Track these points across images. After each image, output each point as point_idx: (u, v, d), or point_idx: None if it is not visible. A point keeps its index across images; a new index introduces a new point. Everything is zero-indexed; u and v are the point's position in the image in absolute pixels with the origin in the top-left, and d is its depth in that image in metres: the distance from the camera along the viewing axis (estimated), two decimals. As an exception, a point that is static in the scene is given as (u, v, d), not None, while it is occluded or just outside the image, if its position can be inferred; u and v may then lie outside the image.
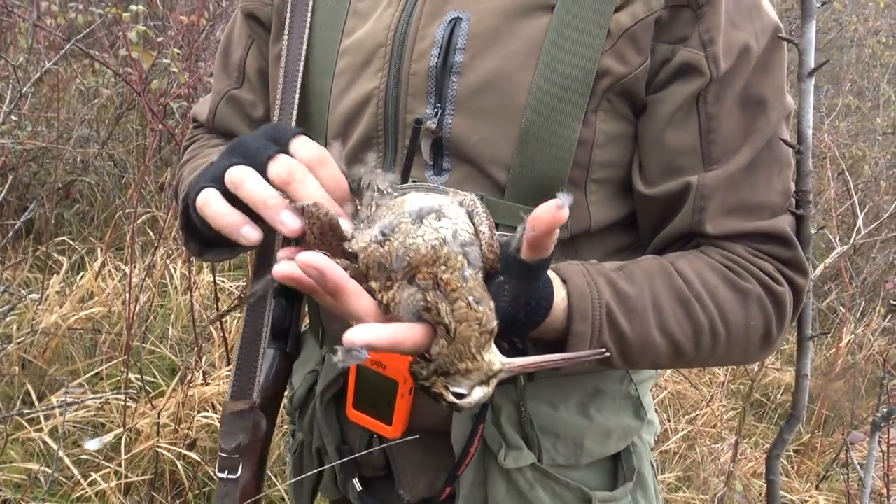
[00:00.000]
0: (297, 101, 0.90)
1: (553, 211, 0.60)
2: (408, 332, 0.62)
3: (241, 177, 0.69)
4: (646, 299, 0.79)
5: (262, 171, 0.70)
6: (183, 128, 3.02)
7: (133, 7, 2.74)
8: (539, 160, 0.82)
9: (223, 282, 3.11)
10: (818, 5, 0.71)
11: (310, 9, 0.91)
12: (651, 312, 0.79)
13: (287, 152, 0.71)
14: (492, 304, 0.63)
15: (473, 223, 0.66)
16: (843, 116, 5.46)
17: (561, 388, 0.93)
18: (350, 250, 0.65)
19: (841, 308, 3.86)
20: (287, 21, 0.92)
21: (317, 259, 0.60)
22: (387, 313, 0.63)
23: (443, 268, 0.61)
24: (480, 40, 0.82)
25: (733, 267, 0.84)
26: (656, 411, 2.99)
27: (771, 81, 0.85)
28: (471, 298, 0.61)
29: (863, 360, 3.57)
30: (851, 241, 2.06)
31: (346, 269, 0.62)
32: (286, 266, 0.62)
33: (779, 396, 3.51)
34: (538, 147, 0.82)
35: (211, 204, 0.71)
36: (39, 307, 2.66)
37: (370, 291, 0.63)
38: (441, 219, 0.64)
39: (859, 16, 5.84)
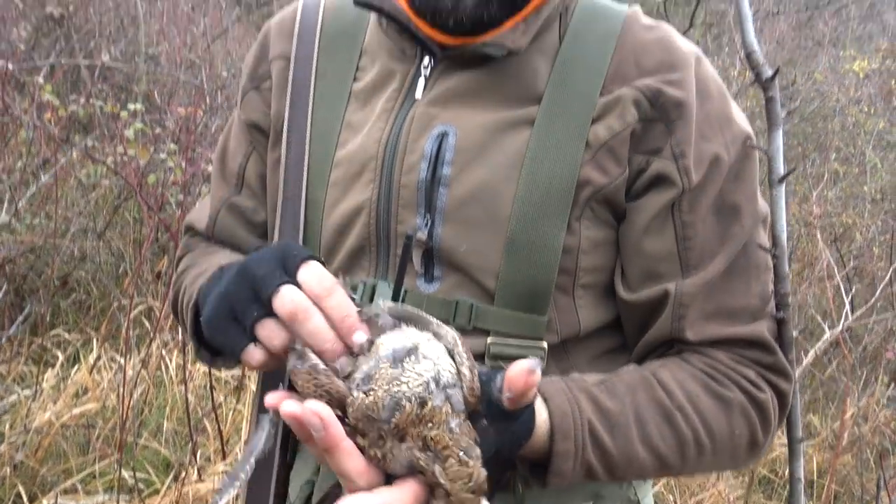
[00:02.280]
0: (302, 215, 0.92)
1: (524, 376, 0.63)
2: (399, 498, 0.63)
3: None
4: (628, 414, 0.80)
5: (267, 304, 0.71)
6: (180, 218, 3.05)
7: (131, 106, 2.82)
8: (526, 267, 0.84)
9: (218, 371, 3.09)
10: (783, 115, 0.74)
11: (308, 123, 0.94)
12: (634, 427, 0.79)
13: (295, 280, 0.72)
14: (478, 450, 0.64)
15: (455, 362, 0.67)
16: (832, 184, 5.54)
17: (560, 495, 0.92)
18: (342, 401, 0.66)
19: (843, 377, 3.82)
20: (284, 133, 0.95)
21: (324, 412, 0.61)
22: (379, 466, 0.64)
23: (429, 425, 0.62)
24: (467, 154, 0.86)
25: (715, 375, 0.85)
26: (662, 494, 2.93)
27: (744, 189, 0.88)
28: (461, 453, 0.62)
29: (869, 432, 3.51)
30: (841, 325, 2.06)
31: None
32: (293, 406, 0.63)
33: (786, 472, 3.44)
34: (524, 255, 0.84)
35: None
36: (33, 404, 2.64)
37: (360, 448, 0.64)
38: (421, 360, 0.65)
39: (840, 86, 6.00)
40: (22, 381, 2.99)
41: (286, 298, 0.71)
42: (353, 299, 0.72)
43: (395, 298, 0.83)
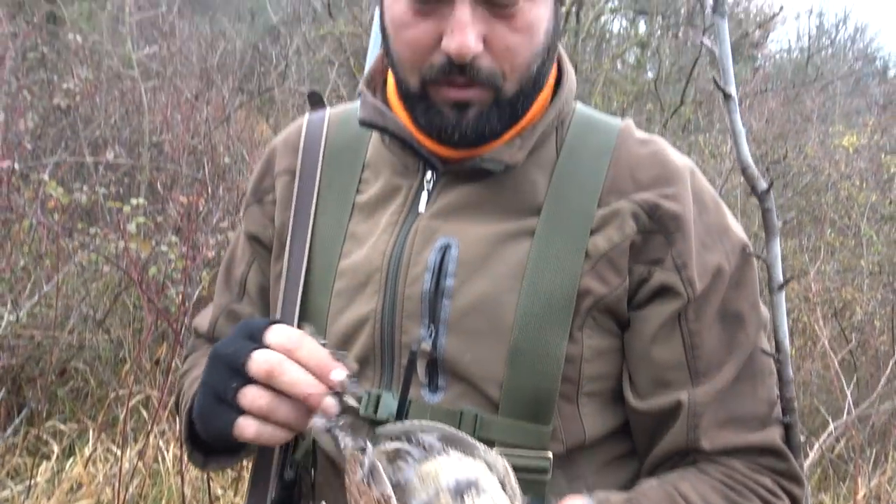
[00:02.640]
0: (297, 316, 0.94)
1: None
2: None
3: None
4: None
5: (244, 373, 0.76)
6: (180, 306, 3.05)
7: (134, 200, 2.86)
8: (529, 376, 0.85)
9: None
10: (779, 224, 0.75)
11: (309, 232, 0.97)
12: None
13: (263, 344, 0.77)
14: None
15: (507, 495, 0.66)
16: (829, 257, 5.57)
17: None
18: None
19: (852, 453, 3.75)
20: (287, 242, 0.97)
21: None
22: None
23: None
24: (469, 266, 0.88)
25: (734, 485, 0.85)
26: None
27: (746, 296, 0.90)
28: None
29: (883, 514, 3.42)
30: (844, 419, 2.04)
31: None
32: None
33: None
34: (527, 364, 0.85)
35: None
36: (27, 501, 2.57)
37: None
38: (481, 494, 0.64)
39: (831, 161, 6.11)
40: (17, 474, 2.92)
41: (259, 360, 0.76)
42: (323, 344, 0.77)
43: (399, 410, 0.83)
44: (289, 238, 0.98)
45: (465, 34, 0.80)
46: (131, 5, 5.19)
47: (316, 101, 1.09)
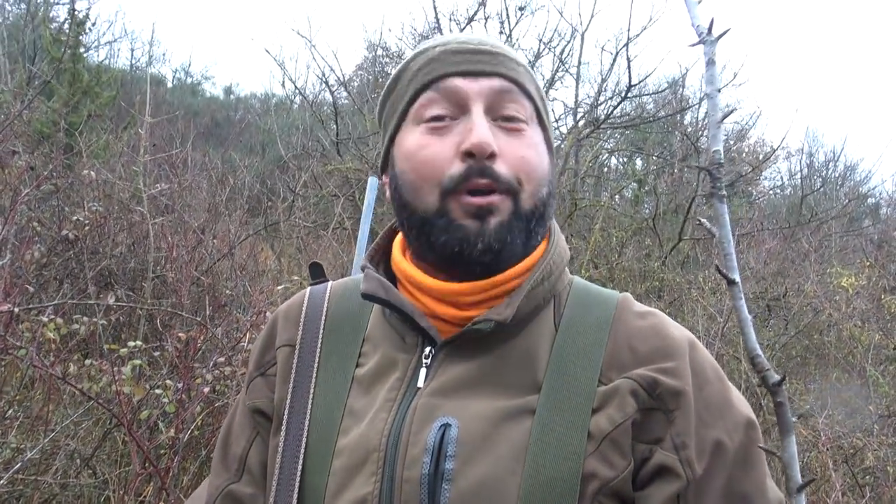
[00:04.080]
0: (295, 496, 0.90)
1: None
2: None
3: None
4: None
5: None
6: (169, 458, 2.95)
7: (132, 343, 2.85)
8: None
9: None
10: (794, 419, 0.72)
11: (309, 407, 0.94)
12: None
13: None
14: None
15: None
16: (836, 399, 5.46)
17: None
18: None
19: None
20: (285, 417, 0.95)
21: None
22: None
23: None
24: (469, 446, 0.85)
25: None
26: None
27: (753, 477, 0.85)
28: None
29: None
30: None
31: None
32: None
33: None
34: None
35: None
36: None
37: None
38: None
39: (831, 301, 6.12)
40: None
41: None
42: None
43: None
44: (286, 413, 0.95)
45: (485, 129, 0.86)
46: (146, 141, 5.39)
47: (317, 272, 1.09)
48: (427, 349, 0.92)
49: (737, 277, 0.91)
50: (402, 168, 0.91)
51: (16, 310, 2.33)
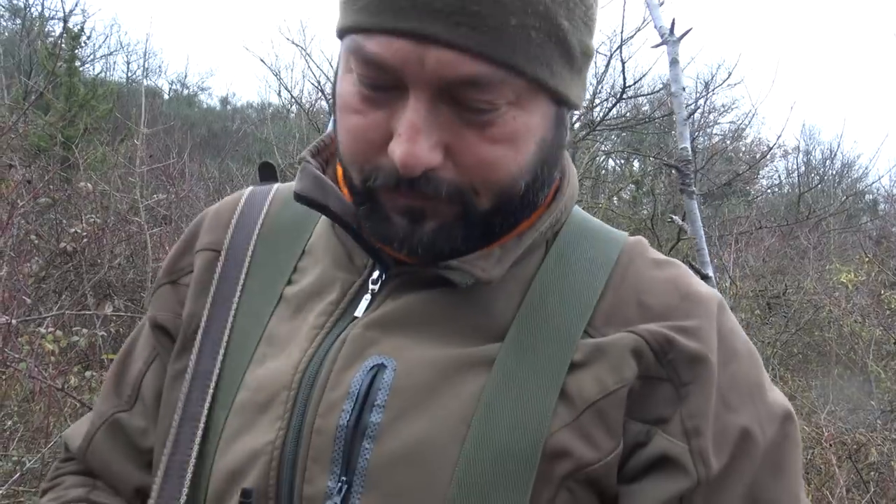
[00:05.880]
0: (198, 438, 0.72)
1: None
2: None
3: None
4: None
5: None
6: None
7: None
8: None
9: None
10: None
11: (228, 326, 0.75)
12: None
13: None
14: None
15: None
16: (838, 393, 5.46)
17: None
18: None
19: None
20: (199, 337, 0.76)
21: None
22: None
23: None
24: (405, 397, 0.65)
25: None
26: None
27: (785, 485, 0.66)
28: None
29: None
30: None
31: None
32: None
33: None
34: None
35: None
36: None
37: None
38: None
39: (831, 297, 6.13)
40: None
41: None
42: None
43: None
44: (201, 331, 0.75)
45: (416, 142, 0.60)
46: (143, 153, 5.40)
47: (268, 175, 0.90)
48: (377, 273, 0.72)
49: (710, 272, 0.90)
50: (337, 112, 0.68)
51: (14, 322, 2.32)
